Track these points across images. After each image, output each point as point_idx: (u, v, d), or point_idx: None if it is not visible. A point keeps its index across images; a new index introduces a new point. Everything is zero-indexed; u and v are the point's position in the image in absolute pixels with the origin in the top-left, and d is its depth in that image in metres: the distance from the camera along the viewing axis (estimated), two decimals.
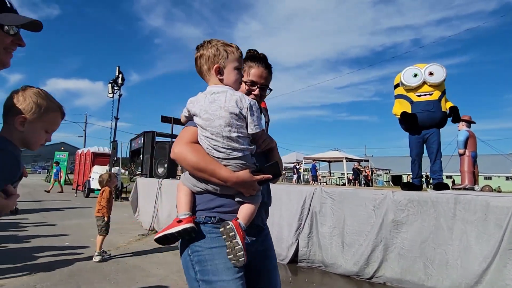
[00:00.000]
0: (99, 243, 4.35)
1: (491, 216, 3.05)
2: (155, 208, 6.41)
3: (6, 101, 1.15)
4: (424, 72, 4.50)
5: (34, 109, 1.13)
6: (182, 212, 1.33)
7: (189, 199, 1.36)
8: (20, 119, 1.12)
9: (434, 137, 4.44)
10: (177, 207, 1.37)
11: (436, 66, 4.52)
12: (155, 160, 7.32)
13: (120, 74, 11.81)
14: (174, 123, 8.35)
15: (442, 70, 4.48)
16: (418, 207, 3.49)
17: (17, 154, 1.12)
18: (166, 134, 8.34)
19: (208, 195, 1.35)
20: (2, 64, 1.13)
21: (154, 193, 6.50)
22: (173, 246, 5.28)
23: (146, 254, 4.77)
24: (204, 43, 1.40)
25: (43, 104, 1.15)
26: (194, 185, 1.36)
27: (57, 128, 1.24)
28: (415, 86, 4.52)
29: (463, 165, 5.69)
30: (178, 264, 4.29)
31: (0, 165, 1.04)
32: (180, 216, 1.32)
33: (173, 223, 1.31)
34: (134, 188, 7.19)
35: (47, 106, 1.16)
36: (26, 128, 1.13)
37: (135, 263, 4.32)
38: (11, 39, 1.10)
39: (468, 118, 6.02)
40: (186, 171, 1.41)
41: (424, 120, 4.42)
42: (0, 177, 1.03)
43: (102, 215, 4.44)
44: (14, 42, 1.12)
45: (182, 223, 1.29)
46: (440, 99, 4.45)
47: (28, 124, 1.13)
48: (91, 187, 13.30)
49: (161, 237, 1.34)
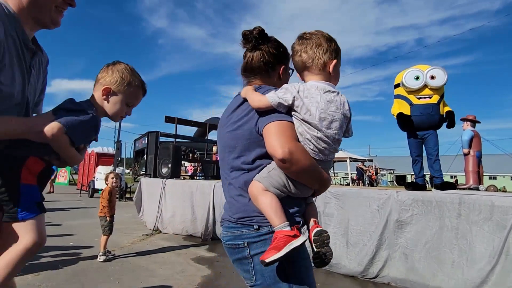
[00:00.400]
0: (103, 243, 4.37)
1: (496, 216, 3.03)
2: (159, 208, 6.43)
3: (98, 73, 1.29)
4: (426, 75, 4.51)
5: (118, 81, 1.26)
6: (285, 223, 1.13)
7: (280, 206, 1.17)
8: (105, 89, 1.25)
9: (433, 138, 4.54)
10: (271, 216, 1.15)
11: (438, 70, 4.53)
12: (159, 160, 7.34)
13: None
14: (178, 123, 8.37)
15: (444, 74, 4.50)
16: (423, 207, 3.48)
17: (98, 120, 1.25)
18: (170, 134, 8.37)
19: (286, 199, 1.21)
20: (53, 23, 1.21)
21: (158, 193, 6.52)
22: (178, 245, 5.23)
23: (150, 254, 4.79)
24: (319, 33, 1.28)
25: (127, 78, 1.27)
26: (283, 188, 1.19)
27: (137, 103, 1.36)
28: (416, 88, 4.54)
29: (467, 165, 5.66)
30: (182, 264, 4.32)
31: (84, 125, 1.18)
32: (283, 228, 1.12)
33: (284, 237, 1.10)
34: (138, 188, 7.21)
35: (130, 81, 1.28)
36: (110, 99, 1.27)
37: (139, 263, 4.33)
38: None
39: (473, 117, 5.98)
40: (265, 174, 1.20)
41: (423, 123, 4.52)
42: (81, 135, 1.18)
43: (104, 215, 4.46)
44: (65, 2, 1.20)
45: (299, 236, 1.10)
46: (439, 102, 4.52)
47: (111, 95, 1.27)
48: (95, 187, 13.37)
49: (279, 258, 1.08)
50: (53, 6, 1.17)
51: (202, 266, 4.29)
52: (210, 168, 9.54)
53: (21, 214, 1.14)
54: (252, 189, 1.20)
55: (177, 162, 7.42)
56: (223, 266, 4.30)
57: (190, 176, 10.59)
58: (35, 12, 1.16)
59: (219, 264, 4.38)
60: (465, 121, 5.88)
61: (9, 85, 1.10)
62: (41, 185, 1.24)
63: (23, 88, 1.17)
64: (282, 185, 1.19)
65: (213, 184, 5.73)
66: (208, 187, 5.79)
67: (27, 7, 1.14)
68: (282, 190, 1.19)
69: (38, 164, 1.20)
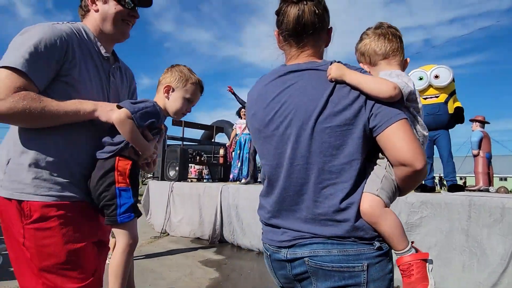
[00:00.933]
0: (112, 246, 4.40)
1: (507, 218, 2.99)
2: (167, 210, 6.46)
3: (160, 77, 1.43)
4: (429, 75, 4.46)
5: (177, 79, 1.39)
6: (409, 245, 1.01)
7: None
8: (166, 88, 1.39)
9: (443, 139, 4.43)
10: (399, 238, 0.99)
11: (441, 69, 4.46)
12: (167, 163, 7.38)
13: None
14: (185, 126, 8.41)
15: (448, 72, 4.42)
16: (432, 209, 3.44)
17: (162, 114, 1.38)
18: (177, 137, 8.41)
19: None
20: (122, 35, 1.39)
21: (166, 196, 6.55)
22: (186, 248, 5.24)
23: (158, 256, 4.81)
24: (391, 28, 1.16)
25: (185, 76, 1.40)
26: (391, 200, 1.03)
27: (197, 100, 1.47)
28: (420, 89, 4.49)
29: (477, 166, 5.58)
30: (190, 267, 4.33)
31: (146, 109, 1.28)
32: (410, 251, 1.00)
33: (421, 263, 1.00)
34: (145, 191, 7.26)
35: (188, 78, 1.40)
36: (171, 96, 1.39)
37: (147, 265, 4.35)
38: (127, 12, 1.34)
39: (482, 118, 5.91)
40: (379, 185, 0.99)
41: (431, 123, 4.41)
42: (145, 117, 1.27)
43: None
44: (129, 15, 1.36)
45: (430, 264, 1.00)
46: (447, 101, 4.42)
47: (172, 93, 1.39)
48: None
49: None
50: (120, 20, 1.34)
51: (210, 268, 4.29)
52: (217, 170, 9.57)
53: (120, 217, 1.23)
54: (374, 206, 0.97)
55: (184, 165, 7.45)
56: (231, 269, 4.30)
57: (197, 179, 10.62)
58: (105, 28, 1.34)
59: (226, 267, 4.38)
60: (474, 122, 5.81)
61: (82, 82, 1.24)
62: (134, 187, 1.30)
63: (102, 90, 1.33)
64: (391, 197, 1.02)
65: (221, 187, 5.74)
66: (215, 190, 5.80)
67: (100, 25, 1.33)
68: (390, 202, 1.02)
69: (126, 163, 1.28)
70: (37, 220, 1.14)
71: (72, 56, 1.21)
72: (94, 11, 1.34)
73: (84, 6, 1.37)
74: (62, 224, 1.17)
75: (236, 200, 5.43)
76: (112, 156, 1.26)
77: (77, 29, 1.29)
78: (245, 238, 5.28)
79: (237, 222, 5.38)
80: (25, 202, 1.14)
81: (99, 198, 1.23)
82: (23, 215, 1.14)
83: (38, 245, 1.14)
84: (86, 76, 1.26)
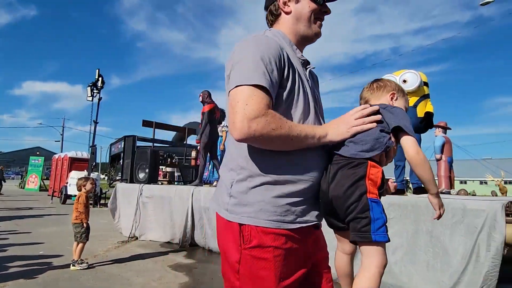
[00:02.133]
0: (78, 251, 4.20)
1: (467, 219, 3.15)
2: (135, 214, 6.27)
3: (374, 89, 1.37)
4: (399, 80, 4.57)
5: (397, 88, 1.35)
6: None
7: None
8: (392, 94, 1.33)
9: None
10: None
11: (409, 73, 4.54)
12: (136, 165, 7.18)
13: (100, 77, 11.54)
14: (156, 127, 8.22)
15: (416, 77, 4.48)
16: (399, 211, 3.56)
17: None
18: (147, 139, 8.19)
19: None
20: (317, 35, 1.30)
21: (135, 199, 6.35)
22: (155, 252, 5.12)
23: (126, 262, 4.65)
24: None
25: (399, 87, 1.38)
26: None
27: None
28: None
29: (439, 169, 5.87)
30: (159, 272, 4.21)
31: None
32: None
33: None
34: (113, 194, 7.00)
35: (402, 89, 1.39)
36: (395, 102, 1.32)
37: (114, 271, 4.19)
38: (319, 8, 1.26)
39: (444, 124, 6.22)
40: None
41: None
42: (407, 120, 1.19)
43: (80, 221, 4.29)
44: (321, 11, 1.27)
45: None
46: (416, 104, 4.46)
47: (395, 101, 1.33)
48: (68, 193, 12.88)
49: None
50: (314, 19, 1.26)
51: (180, 273, 4.20)
52: (189, 173, 9.41)
53: (375, 234, 1.05)
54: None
55: (154, 167, 7.27)
56: (202, 273, 4.23)
57: (168, 182, 10.41)
58: (300, 29, 1.26)
59: (197, 271, 4.30)
60: (437, 127, 6.10)
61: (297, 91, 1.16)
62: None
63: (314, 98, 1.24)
64: None
65: (192, 189, 5.65)
66: (187, 192, 5.70)
67: (294, 27, 1.26)
68: None
69: (377, 170, 1.12)
70: (255, 247, 1.06)
71: (288, 65, 1.13)
72: (286, 13, 1.26)
73: (275, 11, 1.29)
74: (279, 256, 1.06)
75: (208, 202, 5.35)
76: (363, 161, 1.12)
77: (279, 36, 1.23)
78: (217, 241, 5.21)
79: (209, 225, 5.31)
80: (246, 225, 1.07)
81: (348, 209, 1.08)
82: (242, 239, 1.07)
83: (252, 274, 1.06)
84: (300, 84, 1.16)
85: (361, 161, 1.11)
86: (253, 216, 1.06)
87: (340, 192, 1.09)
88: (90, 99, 11.90)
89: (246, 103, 0.99)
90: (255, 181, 1.09)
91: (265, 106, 1.00)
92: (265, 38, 1.13)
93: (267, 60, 1.05)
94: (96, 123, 11.58)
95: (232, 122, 1.00)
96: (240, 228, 1.07)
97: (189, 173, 9.32)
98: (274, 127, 1.00)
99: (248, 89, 1.01)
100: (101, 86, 11.64)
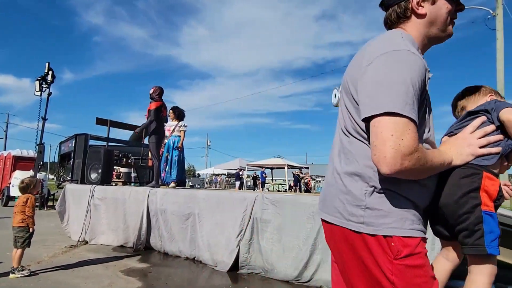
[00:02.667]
0: (17, 258, 3.86)
1: None
2: (86, 217, 5.91)
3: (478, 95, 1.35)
4: None
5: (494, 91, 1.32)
6: None
7: None
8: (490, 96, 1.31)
9: None
10: None
11: None
12: (88, 165, 6.79)
13: (50, 71, 10.80)
14: (111, 126, 7.85)
15: None
16: None
17: None
18: (101, 138, 7.79)
19: None
20: (448, 35, 1.20)
21: (86, 201, 6.00)
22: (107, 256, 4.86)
23: (73, 267, 4.35)
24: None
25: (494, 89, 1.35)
26: None
27: None
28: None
29: None
30: (109, 277, 3.99)
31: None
32: None
33: None
34: (62, 195, 6.56)
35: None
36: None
37: (60, 278, 3.91)
38: (454, 8, 1.17)
39: None
40: None
41: None
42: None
43: (26, 225, 3.96)
44: (456, 10, 1.19)
45: None
46: None
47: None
48: (11, 194, 11.90)
49: None
50: (449, 19, 1.17)
51: (133, 278, 4.01)
52: (146, 173, 9.09)
53: (489, 248, 1.03)
54: None
55: (108, 167, 6.93)
56: (156, 277, 4.08)
57: (123, 182, 9.97)
58: (432, 33, 1.17)
59: (151, 276, 4.14)
60: None
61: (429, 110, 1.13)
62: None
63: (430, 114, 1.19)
64: None
65: (148, 191, 5.45)
66: (142, 194, 5.48)
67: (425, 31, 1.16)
68: None
69: (494, 183, 1.07)
70: (407, 256, 1.01)
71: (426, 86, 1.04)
72: (419, 16, 1.14)
73: (403, 12, 1.16)
74: (426, 260, 1.04)
75: (165, 204, 5.19)
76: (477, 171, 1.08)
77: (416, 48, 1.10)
78: (173, 244, 5.07)
79: (165, 227, 5.15)
80: (392, 237, 1.02)
81: (459, 218, 1.06)
82: (390, 251, 1.02)
83: (409, 283, 1.01)
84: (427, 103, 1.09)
85: (475, 171, 1.09)
86: (397, 226, 1.03)
87: (451, 200, 1.08)
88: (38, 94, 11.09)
89: (401, 138, 0.93)
90: (388, 190, 1.05)
91: (417, 142, 0.96)
92: (415, 59, 1.02)
93: (417, 86, 0.99)
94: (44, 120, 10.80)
95: (384, 156, 0.94)
96: (385, 240, 1.04)
97: (146, 173, 9.00)
98: (423, 163, 0.98)
99: (402, 122, 0.95)
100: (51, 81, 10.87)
